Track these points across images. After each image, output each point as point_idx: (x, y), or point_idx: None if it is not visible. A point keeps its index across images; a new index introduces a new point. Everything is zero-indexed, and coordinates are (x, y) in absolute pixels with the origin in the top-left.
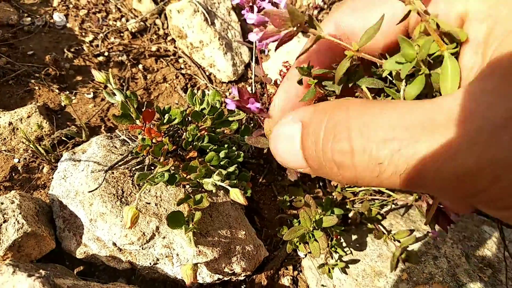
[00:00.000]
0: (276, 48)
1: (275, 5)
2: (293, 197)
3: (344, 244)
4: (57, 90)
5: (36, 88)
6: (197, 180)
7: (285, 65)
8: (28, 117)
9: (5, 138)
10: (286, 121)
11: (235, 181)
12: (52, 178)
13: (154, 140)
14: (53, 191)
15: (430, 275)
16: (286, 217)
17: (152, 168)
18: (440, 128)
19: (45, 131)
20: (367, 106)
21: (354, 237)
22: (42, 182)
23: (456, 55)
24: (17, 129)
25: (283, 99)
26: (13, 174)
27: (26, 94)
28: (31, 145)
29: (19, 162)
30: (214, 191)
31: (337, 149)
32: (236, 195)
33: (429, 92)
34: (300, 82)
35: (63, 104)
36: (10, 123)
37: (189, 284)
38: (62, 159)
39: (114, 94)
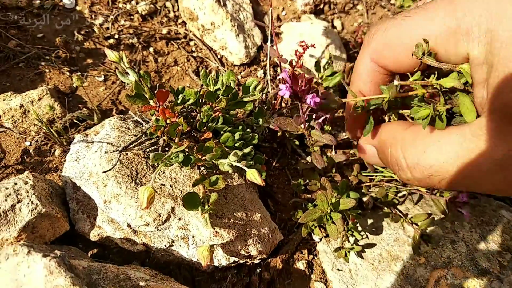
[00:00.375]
0: None
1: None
2: (307, 180)
3: (360, 229)
4: (67, 73)
5: (47, 70)
6: (213, 161)
7: (301, 45)
8: (39, 99)
9: (16, 121)
10: (368, 147)
11: (251, 162)
12: (65, 160)
13: (168, 121)
14: (66, 172)
15: (448, 259)
16: (300, 201)
17: (167, 149)
18: (462, 159)
19: (56, 114)
20: (414, 137)
21: (369, 221)
22: (54, 165)
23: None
24: (28, 111)
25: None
26: (25, 157)
27: (36, 77)
28: (43, 127)
29: (30, 145)
30: (230, 171)
31: (397, 164)
32: (253, 175)
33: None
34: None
35: (74, 85)
36: (21, 106)
37: (205, 266)
38: (74, 141)
39: (127, 74)
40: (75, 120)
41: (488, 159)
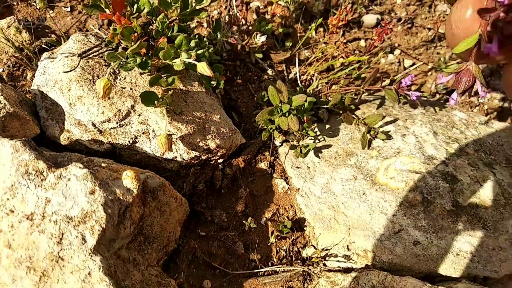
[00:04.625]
0: None
1: None
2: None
3: (317, 132)
4: (35, 4)
5: (15, 3)
6: (168, 62)
7: None
8: (8, 27)
9: None
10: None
11: (203, 59)
12: None
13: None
14: (34, 86)
15: (398, 149)
16: None
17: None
18: None
19: (25, 41)
20: None
21: (327, 126)
22: (27, 89)
23: None
24: None
25: None
26: None
27: (5, 10)
28: (13, 49)
29: (3, 71)
30: (182, 68)
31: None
32: (203, 67)
33: None
34: None
35: (38, 6)
36: None
37: (163, 153)
38: (41, 59)
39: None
40: (44, 46)
41: None
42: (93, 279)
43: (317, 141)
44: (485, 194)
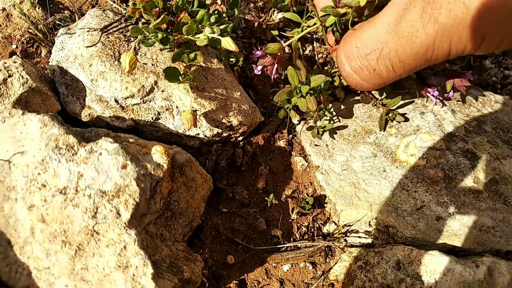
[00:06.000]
0: None
1: None
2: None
3: (334, 113)
4: None
5: None
6: (190, 38)
7: None
8: (21, 2)
9: (0, 25)
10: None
11: (226, 34)
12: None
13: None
14: (53, 62)
15: (417, 127)
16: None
17: None
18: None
19: (39, 16)
20: (348, 36)
21: (343, 107)
22: (42, 66)
23: None
24: (11, 15)
25: None
26: None
27: None
28: (29, 25)
29: (17, 47)
30: (205, 43)
31: (340, 63)
32: (228, 42)
33: None
34: None
35: None
36: (4, 9)
37: (189, 128)
38: (58, 34)
39: None
40: (57, 22)
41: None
42: (129, 253)
43: (333, 121)
44: (505, 170)
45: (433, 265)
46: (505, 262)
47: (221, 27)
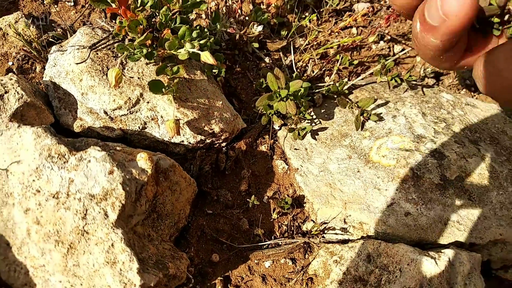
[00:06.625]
0: None
1: None
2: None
3: (314, 116)
4: (40, 0)
5: None
6: (172, 52)
7: None
8: (16, 22)
9: None
10: None
11: (206, 48)
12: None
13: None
14: (46, 77)
15: (389, 130)
16: None
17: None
18: None
19: (33, 35)
20: None
21: (322, 110)
22: (37, 81)
23: None
24: (7, 34)
25: None
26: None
27: (11, 5)
28: (24, 43)
29: (13, 64)
30: (186, 57)
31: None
32: (206, 56)
33: None
34: None
35: (45, 2)
36: (0, 29)
37: (172, 136)
38: (51, 51)
39: None
40: (51, 39)
41: None
42: (116, 250)
43: (313, 124)
44: (471, 168)
45: (398, 256)
46: (466, 253)
47: (201, 41)
